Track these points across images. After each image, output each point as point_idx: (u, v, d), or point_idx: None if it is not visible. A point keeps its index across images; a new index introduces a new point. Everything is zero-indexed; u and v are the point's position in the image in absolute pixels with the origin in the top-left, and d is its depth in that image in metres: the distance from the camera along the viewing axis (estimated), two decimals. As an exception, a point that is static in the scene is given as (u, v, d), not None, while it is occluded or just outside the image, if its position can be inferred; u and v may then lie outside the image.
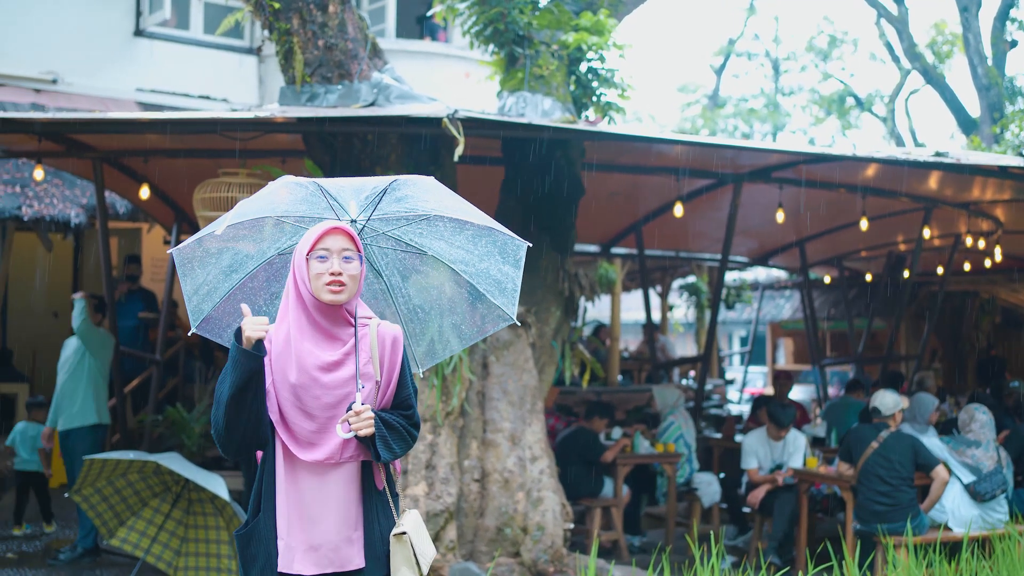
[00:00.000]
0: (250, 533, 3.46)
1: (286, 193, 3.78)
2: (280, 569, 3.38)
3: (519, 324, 4.08)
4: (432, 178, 3.84)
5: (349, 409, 3.38)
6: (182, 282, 3.81)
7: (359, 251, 3.48)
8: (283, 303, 3.49)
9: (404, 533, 3.44)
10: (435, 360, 3.97)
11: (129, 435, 10.17)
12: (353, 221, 3.69)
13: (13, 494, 10.76)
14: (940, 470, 7.70)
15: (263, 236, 3.80)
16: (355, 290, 3.46)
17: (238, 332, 3.33)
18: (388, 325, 3.58)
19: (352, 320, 3.48)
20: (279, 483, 3.41)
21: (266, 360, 3.37)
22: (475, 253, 3.81)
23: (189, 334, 3.84)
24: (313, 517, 3.39)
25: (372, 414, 3.38)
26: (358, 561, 3.43)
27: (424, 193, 3.78)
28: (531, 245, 3.86)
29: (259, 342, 3.31)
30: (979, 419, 8.24)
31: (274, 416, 3.40)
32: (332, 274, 3.39)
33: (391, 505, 3.53)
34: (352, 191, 3.76)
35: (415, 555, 3.45)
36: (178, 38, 14.30)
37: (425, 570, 3.48)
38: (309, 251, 3.42)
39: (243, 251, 3.80)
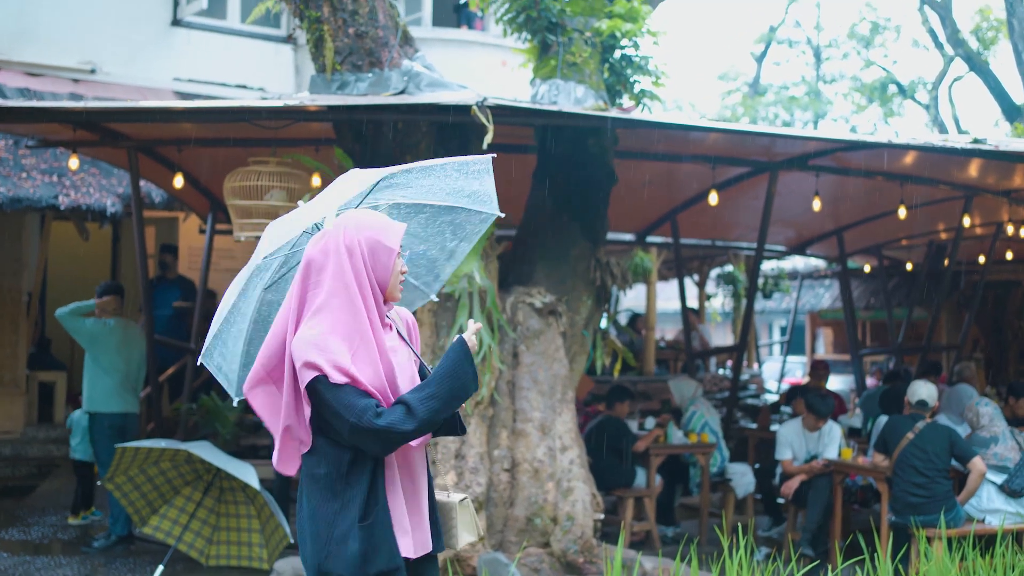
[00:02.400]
0: (373, 525, 3.35)
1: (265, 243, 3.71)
2: (403, 554, 3.38)
3: (435, 299, 4.09)
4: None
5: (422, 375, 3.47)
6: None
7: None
8: (326, 302, 3.30)
9: (465, 498, 3.57)
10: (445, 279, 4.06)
11: (164, 424, 10.24)
12: (317, 226, 3.57)
13: (61, 481, 10.91)
14: (977, 461, 7.58)
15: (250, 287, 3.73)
16: None
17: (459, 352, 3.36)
18: (400, 309, 3.65)
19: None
20: (388, 474, 3.38)
21: (352, 369, 3.27)
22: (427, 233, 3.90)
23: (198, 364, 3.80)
24: (411, 501, 3.44)
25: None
26: (430, 541, 3.50)
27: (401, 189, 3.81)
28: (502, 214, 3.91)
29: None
30: (984, 413, 8.09)
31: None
32: (403, 272, 3.47)
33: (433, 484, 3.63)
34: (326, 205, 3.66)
35: (475, 520, 3.61)
36: (215, 27, 14.35)
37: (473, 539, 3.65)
38: (399, 250, 3.43)
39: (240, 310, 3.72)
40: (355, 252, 3.33)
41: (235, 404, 3.72)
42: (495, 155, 3.92)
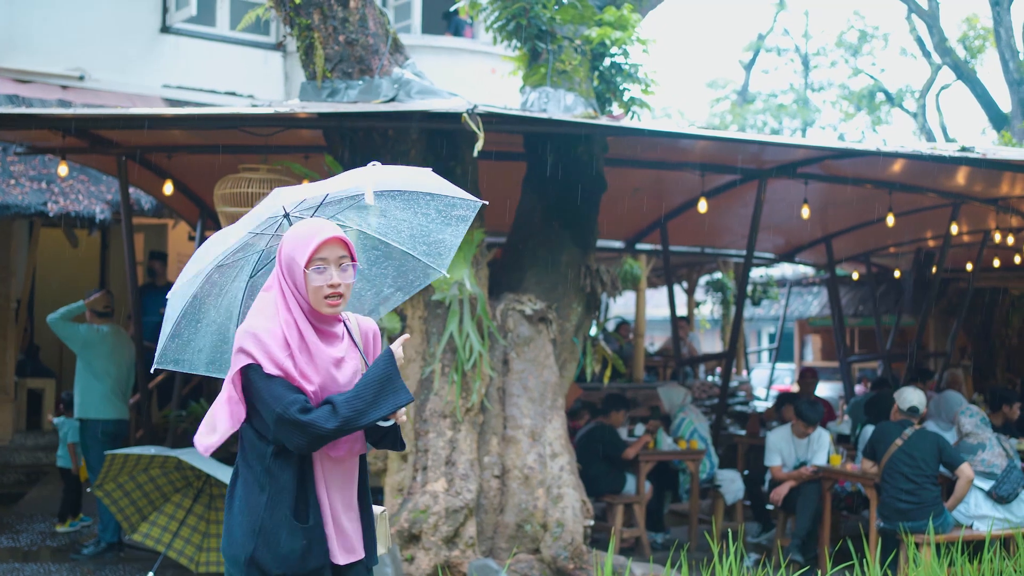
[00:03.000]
0: (308, 525, 3.43)
1: (215, 247, 3.73)
2: (332, 559, 3.43)
3: (446, 275, 4.04)
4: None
5: None
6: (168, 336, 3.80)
7: (353, 258, 3.45)
8: (273, 307, 3.41)
9: (384, 511, 3.68)
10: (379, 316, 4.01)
11: (153, 431, 10.21)
12: (286, 215, 3.62)
13: (50, 488, 10.87)
14: (965, 468, 7.62)
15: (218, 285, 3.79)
16: (347, 297, 3.46)
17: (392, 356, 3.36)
18: (363, 319, 3.66)
19: (339, 316, 3.50)
20: (317, 476, 3.43)
21: (288, 364, 3.34)
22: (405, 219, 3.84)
23: (152, 370, 3.90)
24: (339, 509, 3.46)
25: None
26: (360, 549, 3.53)
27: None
28: (487, 203, 3.91)
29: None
30: (968, 423, 8.16)
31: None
32: (331, 286, 3.37)
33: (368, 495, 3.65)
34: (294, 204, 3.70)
35: (387, 531, 3.71)
36: (204, 34, 14.34)
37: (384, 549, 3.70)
38: (307, 264, 3.36)
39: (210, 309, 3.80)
40: (282, 264, 3.43)
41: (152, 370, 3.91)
42: (487, 203, 3.92)
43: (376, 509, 3.66)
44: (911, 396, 7.92)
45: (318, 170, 8.04)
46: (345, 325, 3.53)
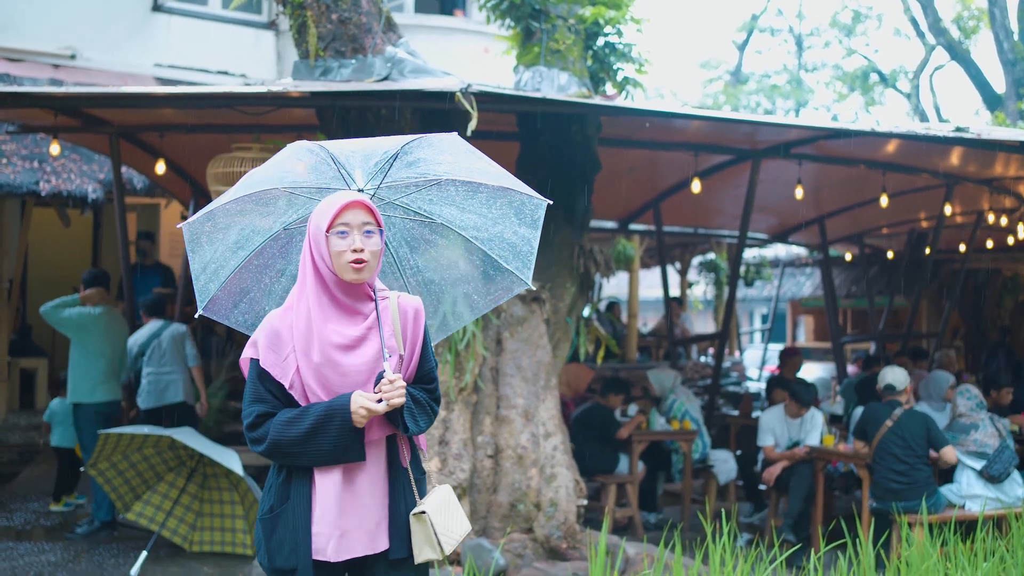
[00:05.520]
0: (276, 518, 3.36)
1: (295, 162, 3.63)
2: (314, 556, 3.29)
3: (533, 288, 3.97)
4: (454, 134, 3.70)
5: (379, 379, 3.28)
6: (191, 259, 3.68)
7: (379, 224, 3.36)
8: (300, 279, 3.37)
9: (423, 512, 3.35)
10: (447, 333, 3.88)
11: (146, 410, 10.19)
12: (360, 191, 3.54)
13: (43, 467, 10.86)
14: (948, 451, 7.66)
15: (270, 209, 3.65)
16: (376, 265, 3.35)
17: (346, 403, 3.24)
18: (408, 297, 3.49)
19: (372, 294, 3.38)
20: (319, 468, 3.32)
21: (289, 343, 3.30)
22: (489, 217, 3.68)
23: (196, 316, 3.73)
24: (343, 501, 3.31)
25: (403, 383, 3.29)
26: (384, 542, 3.36)
27: (438, 155, 3.65)
28: (551, 202, 3.72)
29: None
30: (963, 403, 8.19)
31: (300, 401, 3.32)
32: (354, 251, 3.28)
33: (414, 484, 3.43)
34: (362, 157, 3.61)
35: (435, 534, 3.34)
36: (196, 13, 14.27)
37: (449, 549, 3.37)
38: (328, 227, 3.29)
39: (250, 226, 3.65)
40: (309, 234, 3.38)
41: (196, 316, 3.77)
42: (550, 202, 3.74)
43: (416, 508, 3.39)
44: (886, 374, 7.98)
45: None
46: (377, 304, 3.39)
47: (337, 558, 3.30)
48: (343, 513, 3.30)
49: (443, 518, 3.39)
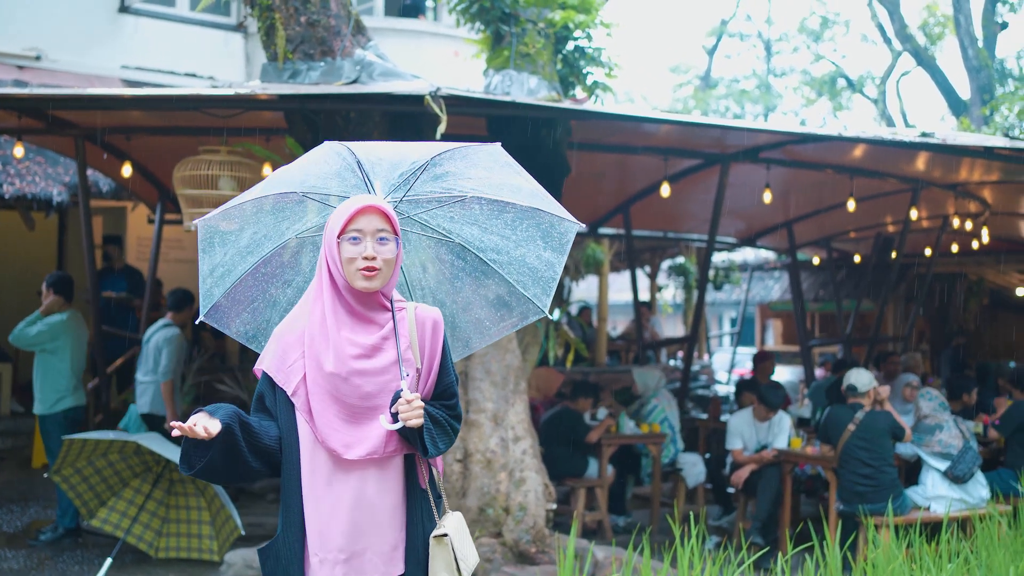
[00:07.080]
0: (268, 549, 3.17)
1: (322, 164, 3.45)
2: None
3: (551, 317, 3.84)
4: (497, 145, 3.53)
5: (396, 398, 3.07)
6: (201, 260, 3.49)
7: (396, 231, 3.17)
8: (315, 283, 3.20)
9: (445, 535, 3.14)
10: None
11: (112, 415, 10.11)
12: (363, 171, 3.39)
13: (6, 474, 10.74)
14: (907, 434, 7.86)
15: (285, 214, 3.49)
16: (390, 274, 3.16)
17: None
18: (426, 308, 3.28)
19: (388, 304, 3.20)
20: (307, 491, 3.11)
21: (298, 349, 3.14)
22: (512, 239, 3.47)
23: (196, 322, 3.55)
24: (354, 523, 3.08)
25: (421, 403, 3.07)
26: (399, 566, 3.14)
27: (468, 168, 3.47)
28: (583, 227, 3.54)
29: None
30: (926, 405, 8.28)
31: (303, 415, 3.11)
32: (366, 258, 3.10)
33: (433, 506, 3.22)
34: (389, 166, 3.41)
35: (456, 559, 3.15)
36: (164, 15, 14.18)
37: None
38: (340, 232, 3.12)
39: (262, 230, 3.48)
40: (325, 239, 3.21)
41: (197, 322, 3.59)
42: (584, 226, 3.56)
43: (437, 531, 3.17)
44: (850, 375, 8.08)
45: (279, 152, 7.97)
46: (394, 314, 3.20)
47: None
48: (355, 535, 3.09)
49: (461, 543, 3.22)
